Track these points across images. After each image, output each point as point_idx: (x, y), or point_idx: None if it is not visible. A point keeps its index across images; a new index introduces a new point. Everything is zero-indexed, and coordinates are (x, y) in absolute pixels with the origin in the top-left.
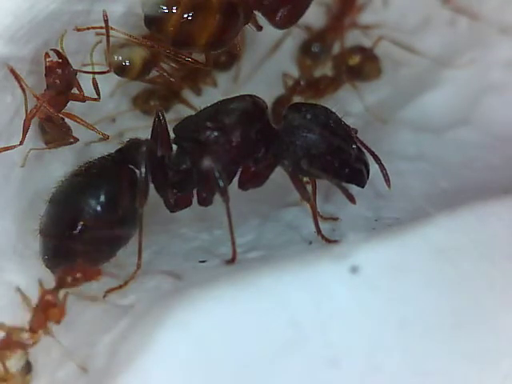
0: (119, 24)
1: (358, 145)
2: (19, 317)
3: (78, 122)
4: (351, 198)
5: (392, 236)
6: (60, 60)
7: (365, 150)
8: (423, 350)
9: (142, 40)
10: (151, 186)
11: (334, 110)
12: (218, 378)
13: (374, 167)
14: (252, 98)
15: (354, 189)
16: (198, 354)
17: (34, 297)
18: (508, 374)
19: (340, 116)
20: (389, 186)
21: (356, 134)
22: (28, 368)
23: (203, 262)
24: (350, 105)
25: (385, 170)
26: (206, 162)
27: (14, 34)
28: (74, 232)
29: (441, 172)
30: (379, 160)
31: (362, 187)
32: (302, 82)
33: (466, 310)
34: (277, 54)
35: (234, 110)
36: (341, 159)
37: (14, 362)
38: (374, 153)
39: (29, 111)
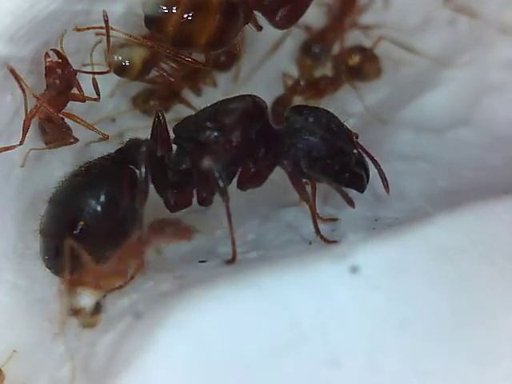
0: (119, 24)
1: (359, 149)
2: (19, 317)
3: (78, 122)
4: (350, 202)
5: (392, 236)
6: (60, 60)
7: (365, 155)
8: (423, 350)
9: (142, 40)
10: (151, 186)
11: (336, 114)
12: (218, 378)
13: (373, 169)
14: (252, 97)
15: (353, 191)
16: (198, 354)
17: (34, 294)
18: (508, 374)
19: (342, 120)
20: (387, 191)
21: (357, 138)
22: (98, 309)
23: (203, 261)
24: (349, 105)
25: (384, 175)
26: (206, 162)
27: (14, 34)
28: (75, 232)
29: (441, 172)
30: (379, 165)
31: (362, 192)
32: (301, 82)
33: (465, 310)
34: (277, 54)
35: (233, 110)
36: (341, 163)
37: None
38: (373, 158)
39: (29, 111)
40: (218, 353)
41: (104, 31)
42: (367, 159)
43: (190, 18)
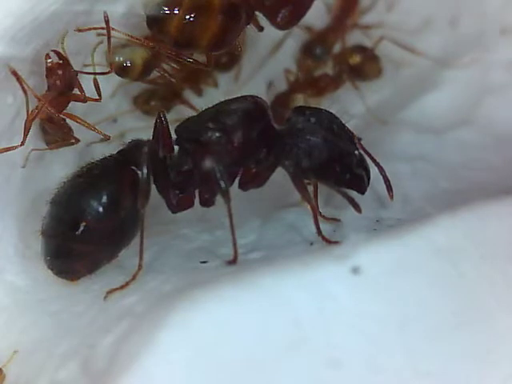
0: (120, 24)
1: (361, 152)
2: (20, 317)
3: (79, 123)
4: (357, 208)
5: (393, 237)
6: (61, 61)
7: (368, 158)
8: (424, 351)
9: (144, 41)
10: (153, 186)
11: (337, 116)
12: (219, 379)
13: (375, 170)
14: (253, 98)
15: (353, 192)
16: (199, 355)
17: (35, 295)
18: (509, 374)
19: (344, 121)
20: (391, 197)
21: (360, 141)
22: None
23: (204, 262)
24: (350, 105)
25: (389, 182)
26: (208, 163)
27: (16, 35)
28: (76, 233)
29: (441, 172)
30: (383, 170)
31: (362, 194)
32: (300, 79)
33: (466, 310)
34: (278, 54)
35: (235, 110)
36: (342, 164)
37: None
38: (376, 161)
39: (30, 112)
40: (219, 353)
41: (105, 32)
42: (370, 162)
43: (191, 18)
